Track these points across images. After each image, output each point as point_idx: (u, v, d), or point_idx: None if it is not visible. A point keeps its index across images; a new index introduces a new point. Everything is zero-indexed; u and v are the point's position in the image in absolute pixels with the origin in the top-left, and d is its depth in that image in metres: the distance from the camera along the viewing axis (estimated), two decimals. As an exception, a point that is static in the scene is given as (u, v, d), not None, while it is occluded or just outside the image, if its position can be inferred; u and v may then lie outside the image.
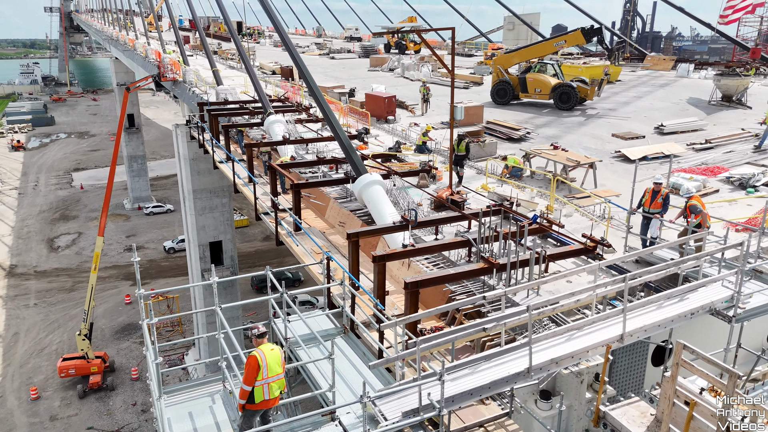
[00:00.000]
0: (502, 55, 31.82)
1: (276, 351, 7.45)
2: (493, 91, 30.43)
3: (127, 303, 50.44)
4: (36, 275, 57.06)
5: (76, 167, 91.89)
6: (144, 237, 65.61)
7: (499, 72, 30.35)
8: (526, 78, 29.14)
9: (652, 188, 11.84)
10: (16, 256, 61.50)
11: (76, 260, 60.16)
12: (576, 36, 28.91)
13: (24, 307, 50.36)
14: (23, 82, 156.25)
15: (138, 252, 62.10)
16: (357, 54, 54.72)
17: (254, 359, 7.22)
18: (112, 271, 57.51)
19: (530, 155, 17.95)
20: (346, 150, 15.54)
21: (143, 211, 71.86)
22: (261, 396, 7.26)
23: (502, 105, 29.74)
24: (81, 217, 71.53)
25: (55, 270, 58.12)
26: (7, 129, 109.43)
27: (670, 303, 9.78)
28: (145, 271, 58.62)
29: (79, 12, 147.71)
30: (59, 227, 68.88)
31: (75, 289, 53.83)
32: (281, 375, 7.42)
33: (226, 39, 67.40)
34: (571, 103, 27.75)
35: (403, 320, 8.09)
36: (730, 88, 27.20)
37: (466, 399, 7.85)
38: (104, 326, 46.78)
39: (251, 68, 24.38)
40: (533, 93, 28.89)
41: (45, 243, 64.51)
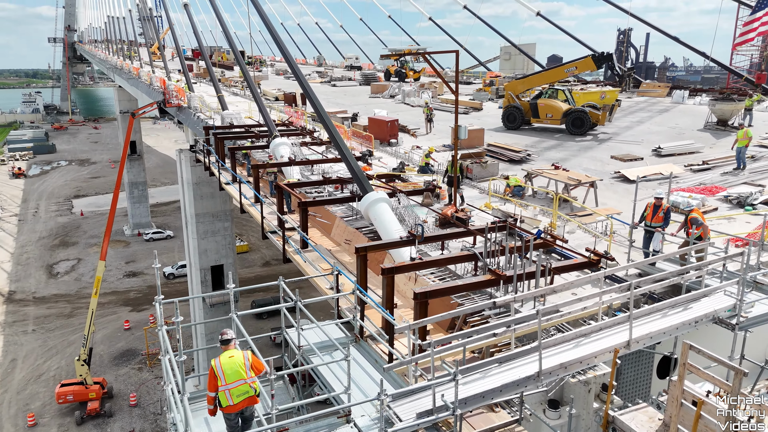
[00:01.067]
0: (512, 81, 32.31)
1: (236, 357, 7.63)
2: (503, 116, 30.79)
3: (126, 329, 50.19)
4: (35, 301, 56.86)
5: (77, 194, 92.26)
6: (144, 263, 65.58)
7: (510, 98, 30.77)
8: (537, 103, 29.54)
9: (653, 203, 12.16)
10: (15, 282, 61.36)
11: (75, 286, 60.03)
12: (587, 62, 29.51)
13: (22, 333, 50.06)
14: (25, 110, 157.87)
15: (137, 278, 62.37)
16: (358, 81, 55.75)
17: (211, 369, 7.64)
18: (112, 296, 57.36)
19: (532, 175, 18.33)
20: (352, 168, 15.87)
21: (143, 237, 71.99)
22: (225, 401, 7.55)
23: (512, 130, 30.05)
24: (81, 244, 71.57)
25: (54, 296, 57.95)
26: (8, 156, 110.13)
27: (675, 312, 10.00)
28: (144, 296, 58.54)
29: (82, 42, 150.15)
30: (59, 253, 68.87)
31: (74, 315, 53.59)
32: (245, 380, 7.54)
33: (228, 67, 68.62)
34: (584, 128, 28.10)
35: (416, 324, 8.29)
36: (725, 112, 27.83)
37: (478, 401, 8.00)
38: (103, 352, 46.47)
39: (256, 92, 24.94)
40: (545, 118, 29.31)
41: (44, 269, 64.44)
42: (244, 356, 7.66)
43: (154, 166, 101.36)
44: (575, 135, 28.19)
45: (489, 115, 34.79)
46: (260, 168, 20.16)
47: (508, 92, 31.02)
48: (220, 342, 7.97)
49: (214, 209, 36.98)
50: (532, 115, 29.84)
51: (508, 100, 30.94)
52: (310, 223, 17.21)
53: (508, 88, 31.20)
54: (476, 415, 9.49)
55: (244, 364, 7.58)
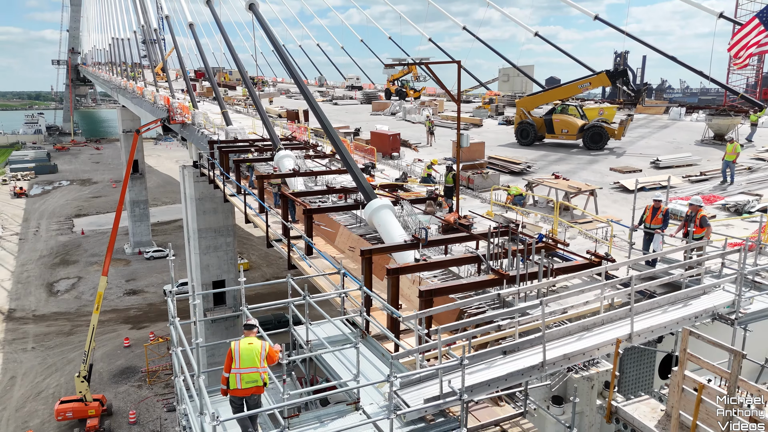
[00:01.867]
0: (524, 97, 32.46)
1: (254, 345, 7.88)
2: (516, 131, 30.93)
3: (125, 346, 50.04)
4: (34, 319, 56.76)
5: (78, 213, 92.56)
6: (144, 281, 65.61)
7: (522, 114, 30.92)
8: (552, 119, 29.70)
9: (653, 205, 12.44)
10: (15, 300, 61.31)
11: (75, 304, 59.96)
12: (601, 78, 29.88)
13: (21, 351, 49.88)
14: (27, 131, 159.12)
15: (137, 296, 62.36)
16: (359, 100, 56.52)
17: (229, 351, 7.86)
18: (112, 314, 57.24)
19: (533, 184, 18.65)
20: (355, 176, 16.18)
21: (143, 255, 72.10)
22: (234, 384, 7.75)
23: (525, 145, 30.18)
24: (81, 262, 71.63)
25: (54, 314, 57.85)
26: (10, 176, 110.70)
27: (675, 308, 10.21)
28: (144, 314, 58.46)
29: (86, 65, 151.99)
30: (59, 272, 68.90)
31: (73, 332, 53.46)
32: (257, 369, 7.76)
33: (231, 87, 69.56)
34: (602, 143, 28.27)
35: (422, 314, 8.50)
36: (722, 127, 28.31)
37: (484, 389, 8.16)
38: (102, 369, 46.25)
39: (260, 106, 25.40)
40: (560, 133, 29.47)
41: (44, 287, 64.42)
42: (262, 346, 7.92)
43: (155, 186, 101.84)
44: (592, 150, 28.24)
45: (489, 131, 35.30)
46: (265, 178, 20.46)
47: (520, 108, 31.16)
48: (245, 326, 8.25)
49: (217, 224, 37.22)
50: (547, 131, 29.92)
51: (521, 116, 31.02)
52: (314, 232, 17.46)
53: (520, 104, 31.32)
54: (482, 408, 9.64)
55: (260, 353, 7.83)
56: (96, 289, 47.05)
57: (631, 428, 8.64)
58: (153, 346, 46.97)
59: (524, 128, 30.43)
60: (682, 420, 7.87)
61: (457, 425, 7.56)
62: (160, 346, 47.20)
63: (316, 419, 7.73)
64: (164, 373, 44.89)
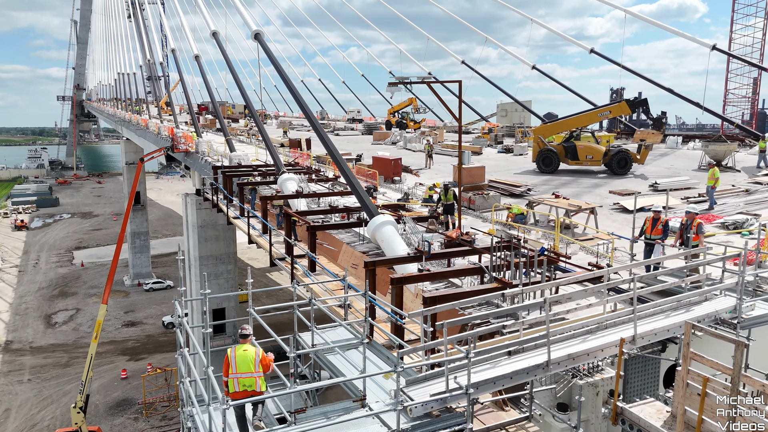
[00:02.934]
0: (542, 125, 32.63)
1: (249, 352, 8.23)
2: (538, 159, 30.86)
3: (122, 378, 49.35)
4: (31, 351, 56.13)
5: (78, 246, 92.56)
6: (143, 312, 65.16)
7: (540, 141, 31.11)
8: (576, 146, 29.99)
9: (652, 216, 12.64)
10: (12, 332, 60.77)
11: (72, 336, 59.40)
12: (621, 106, 30.43)
13: (17, 383, 49.18)
14: (30, 166, 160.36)
15: (136, 327, 61.86)
16: (360, 131, 57.35)
17: (226, 357, 8.29)
18: (109, 346, 56.64)
19: (534, 203, 18.87)
20: (357, 192, 16.41)
21: (143, 287, 71.82)
22: (232, 388, 8.08)
23: (548, 173, 30.10)
24: (80, 294, 71.29)
25: (51, 346, 57.25)
26: (12, 210, 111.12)
27: (678, 313, 10.28)
28: (142, 346, 57.84)
29: (90, 100, 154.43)
30: (58, 303, 68.50)
31: (70, 364, 52.80)
32: (252, 374, 8.08)
33: (234, 120, 70.64)
34: (627, 168, 28.66)
35: (428, 311, 8.58)
36: (718, 153, 28.74)
37: (489, 387, 8.18)
38: (98, 401, 45.50)
39: (263, 130, 25.84)
40: (584, 160, 29.78)
41: (42, 319, 63.93)
42: (256, 352, 8.26)
43: (156, 219, 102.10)
44: (618, 174, 28.54)
45: (489, 158, 35.79)
46: (268, 200, 20.69)
47: (537, 136, 31.32)
48: (240, 335, 8.60)
49: (218, 252, 37.33)
50: (570, 158, 30.14)
51: (539, 144, 31.09)
52: (317, 251, 17.58)
53: (538, 132, 31.49)
54: (487, 413, 9.63)
55: (254, 359, 8.16)
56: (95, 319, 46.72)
57: (637, 428, 8.62)
58: (150, 377, 46.35)
59: (547, 156, 30.41)
60: (688, 417, 7.88)
61: (463, 420, 7.56)
62: (158, 377, 46.58)
63: (322, 415, 7.73)
64: (161, 405, 44.19)
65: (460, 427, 7.51)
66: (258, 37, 25.60)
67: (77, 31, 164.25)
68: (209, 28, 34.33)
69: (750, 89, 68.92)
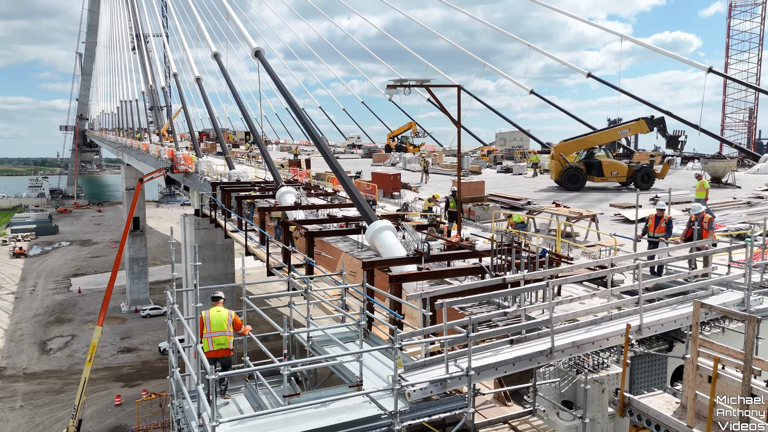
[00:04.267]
0: (562, 142, 32.56)
1: (222, 313, 8.92)
2: (563, 177, 30.39)
3: (117, 404, 48.32)
4: (25, 377, 55.15)
5: (76, 273, 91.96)
6: (139, 339, 64.26)
7: (561, 159, 30.76)
8: (601, 162, 30.09)
9: (655, 214, 12.45)
10: (6, 358, 59.82)
11: (67, 362, 58.44)
12: (640, 125, 30.75)
13: (9, 410, 48.13)
14: (30, 195, 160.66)
15: (132, 353, 60.92)
16: (360, 154, 57.59)
17: (200, 318, 8.86)
18: (104, 372, 55.66)
19: (534, 212, 18.68)
20: (356, 199, 16.25)
21: (140, 313, 71.07)
22: (207, 347, 8.55)
23: (573, 191, 29.72)
24: (76, 320, 70.47)
25: (45, 372, 56.27)
26: (11, 237, 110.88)
27: (684, 305, 10.00)
28: (137, 372, 56.82)
29: (92, 130, 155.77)
30: (53, 330, 67.64)
31: (64, 391, 51.78)
32: (225, 333, 8.73)
33: (235, 145, 71.05)
34: (650, 182, 29.16)
35: (427, 294, 8.31)
36: (718, 169, 28.71)
37: (491, 372, 7.86)
38: (92, 428, 44.44)
39: (263, 146, 25.82)
40: (610, 176, 29.95)
41: (37, 345, 63.02)
42: (228, 314, 8.93)
43: (155, 246, 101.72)
44: (643, 189, 28.56)
45: (488, 177, 35.75)
46: (266, 210, 20.53)
47: (558, 153, 30.99)
48: (212, 298, 9.47)
49: (216, 272, 36.98)
50: (596, 174, 30.20)
51: (561, 163, 30.68)
52: (315, 261, 17.32)
53: (559, 149, 31.21)
54: (489, 408, 9.27)
55: (227, 320, 8.83)
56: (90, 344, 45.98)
57: (646, 419, 8.25)
58: (145, 403, 45.37)
59: (574, 173, 30.07)
60: (699, 404, 7.53)
61: (464, 404, 7.22)
62: (152, 403, 45.60)
63: (317, 399, 7.40)
64: (155, 430, 43.16)
65: (460, 411, 7.17)
66: (258, 55, 25.82)
67: (82, 63, 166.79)
68: (211, 50, 34.69)
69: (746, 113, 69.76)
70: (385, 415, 6.71)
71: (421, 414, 6.93)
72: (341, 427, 6.48)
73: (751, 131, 62.46)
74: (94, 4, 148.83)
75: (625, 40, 42.27)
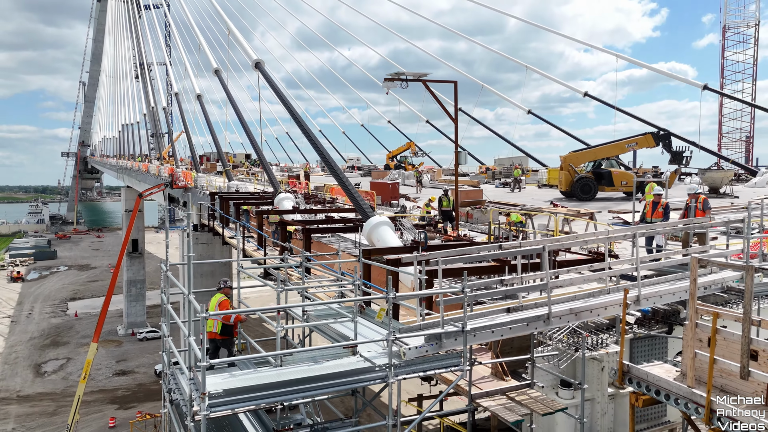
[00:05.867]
0: (571, 153, 33.14)
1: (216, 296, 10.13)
2: (576, 187, 30.94)
3: (111, 427, 47.41)
4: (18, 400, 54.27)
5: (73, 297, 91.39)
6: (135, 361, 63.43)
7: (571, 169, 31.27)
8: (611, 172, 30.36)
9: (652, 200, 12.44)
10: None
11: (62, 385, 57.57)
12: (647, 139, 31.12)
13: (0, 432, 47.30)
14: (30, 221, 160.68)
15: (127, 376, 60.09)
16: (359, 174, 57.88)
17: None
18: (98, 395, 54.78)
19: (532, 214, 18.69)
20: (353, 196, 16.27)
21: (137, 336, 70.32)
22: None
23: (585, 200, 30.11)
24: (72, 343, 69.73)
25: (39, 394, 55.40)
26: (9, 262, 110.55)
27: (684, 281, 9.91)
28: (132, 394, 55.90)
29: (94, 156, 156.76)
30: (48, 353, 66.85)
31: (57, 413, 50.85)
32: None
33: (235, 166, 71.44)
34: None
35: (422, 256, 8.23)
36: (716, 180, 28.82)
37: (487, 335, 7.74)
38: (85, 450, 43.60)
39: (263, 157, 25.95)
40: (619, 186, 30.31)
41: (31, 368, 62.21)
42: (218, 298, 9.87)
43: (153, 270, 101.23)
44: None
45: (487, 190, 35.82)
46: (264, 214, 20.52)
47: (568, 163, 31.58)
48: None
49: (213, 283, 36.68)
50: (606, 184, 30.57)
51: (571, 173, 31.19)
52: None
53: (568, 159, 31.74)
54: (486, 381, 9.12)
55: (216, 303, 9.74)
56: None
57: (646, 385, 8.09)
58: (139, 423, 44.53)
59: (586, 183, 30.57)
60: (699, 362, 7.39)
61: (459, 360, 7.09)
62: (147, 423, 44.76)
63: (310, 359, 7.28)
64: (149, 452, 42.25)
65: (456, 369, 7.04)
66: (259, 66, 26.15)
67: (85, 92, 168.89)
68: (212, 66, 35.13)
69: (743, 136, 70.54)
70: (379, 368, 6.58)
71: (416, 369, 6.79)
72: (335, 377, 6.35)
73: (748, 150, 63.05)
74: (98, 34, 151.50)
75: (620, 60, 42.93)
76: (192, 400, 6.35)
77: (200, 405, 5.63)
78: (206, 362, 5.87)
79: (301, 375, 6.21)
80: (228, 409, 5.75)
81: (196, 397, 5.78)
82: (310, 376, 6.19)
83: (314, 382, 6.18)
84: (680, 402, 7.38)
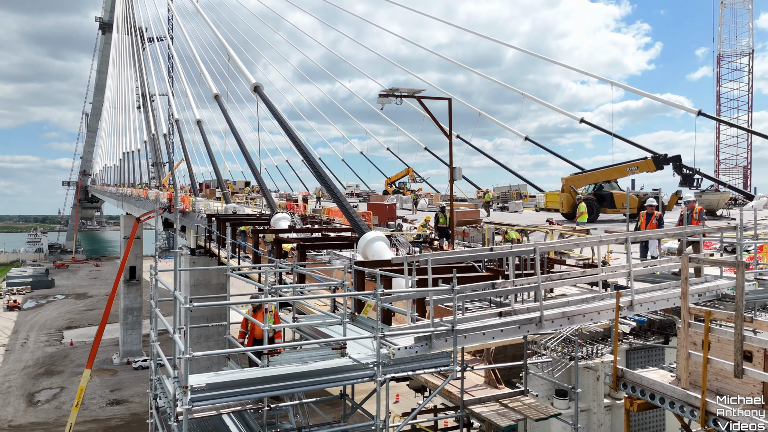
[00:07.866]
0: (573, 175, 33.25)
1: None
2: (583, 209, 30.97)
3: (103, 457, 46.46)
4: (9, 429, 53.22)
5: (69, 325, 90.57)
6: (129, 391, 62.39)
7: (572, 191, 31.29)
8: (613, 194, 30.43)
9: (646, 212, 12.43)
10: (-9, 411, 57.97)
11: (54, 414, 56.52)
12: (647, 163, 31.20)
13: (-10, 462, 46.27)
14: (28, 250, 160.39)
15: (121, 405, 59.03)
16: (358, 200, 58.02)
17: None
18: (92, 425, 53.71)
19: (528, 231, 18.66)
20: (348, 213, 16.28)
21: (132, 365, 69.40)
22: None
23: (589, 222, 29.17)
24: (66, 372, 68.75)
25: (31, 424, 54.32)
26: (6, 291, 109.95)
27: (677, 288, 9.83)
28: (126, 424, 54.81)
29: (94, 184, 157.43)
30: (42, 382, 65.86)
31: (48, 443, 49.93)
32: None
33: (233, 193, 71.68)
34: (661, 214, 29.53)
35: (413, 257, 8.17)
36: (712, 202, 28.88)
37: (478, 336, 7.64)
38: (76, 481, 42.54)
39: (261, 179, 26.05)
40: (621, 208, 30.39)
41: (24, 397, 61.18)
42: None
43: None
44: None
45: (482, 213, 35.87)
46: (260, 233, 20.50)
47: (569, 185, 31.62)
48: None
49: (210, 311, 36.37)
50: (608, 206, 30.62)
51: (571, 194, 31.24)
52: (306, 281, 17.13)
53: (570, 181, 31.80)
54: (479, 389, 8.98)
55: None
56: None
57: (641, 389, 7.95)
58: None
59: (590, 204, 30.31)
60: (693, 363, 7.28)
61: (449, 360, 6.98)
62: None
63: (299, 360, 7.17)
64: (142, 483, 41.24)
65: (446, 369, 6.92)
66: (257, 90, 26.45)
67: (88, 122, 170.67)
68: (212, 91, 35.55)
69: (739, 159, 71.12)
70: (367, 366, 6.47)
71: (405, 368, 6.68)
72: (323, 374, 6.23)
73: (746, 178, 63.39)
74: (102, 65, 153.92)
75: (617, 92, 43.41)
76: (176, 400, 6.23)
77: (182, 399, 5.50)
78: (189, 354, 5.77)
79: (287, 372, 6.10)
80: (210, 404, 5.58)
81: (179, 391, 5.65)
82: (298, 373, 6.08)
83: (301, 379, 6.06)
84: (675, 405, 7.24)
